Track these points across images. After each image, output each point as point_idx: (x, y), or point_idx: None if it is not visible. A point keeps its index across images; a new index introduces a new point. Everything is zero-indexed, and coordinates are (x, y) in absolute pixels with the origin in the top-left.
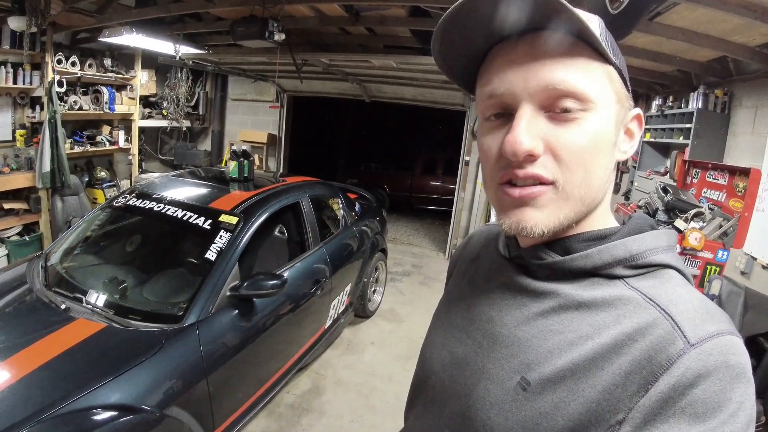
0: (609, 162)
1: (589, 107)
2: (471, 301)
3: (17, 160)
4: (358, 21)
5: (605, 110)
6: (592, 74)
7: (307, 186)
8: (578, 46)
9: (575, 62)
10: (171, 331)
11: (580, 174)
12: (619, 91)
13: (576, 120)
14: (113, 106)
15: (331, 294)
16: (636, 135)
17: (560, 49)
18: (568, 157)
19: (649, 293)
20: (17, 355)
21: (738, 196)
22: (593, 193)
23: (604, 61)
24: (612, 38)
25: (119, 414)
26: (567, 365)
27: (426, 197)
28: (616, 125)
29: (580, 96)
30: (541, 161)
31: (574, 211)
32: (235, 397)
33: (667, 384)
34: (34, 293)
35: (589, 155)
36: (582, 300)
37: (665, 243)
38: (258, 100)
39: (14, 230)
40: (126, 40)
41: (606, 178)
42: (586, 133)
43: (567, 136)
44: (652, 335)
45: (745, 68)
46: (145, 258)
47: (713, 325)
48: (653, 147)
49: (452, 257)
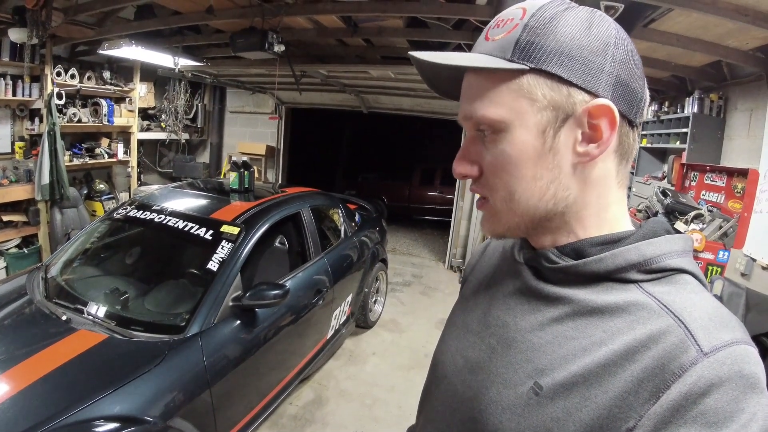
0: (542, 172)
1: (500, 127)
2: (487, 306)
3: (16, 173)
4: (356, 32)
5: (519, 126)
6: (498, 98)
7: (308, 196)
8: (483, 76)
9: (484, 92)
10: (173, 341)
11: (501, 190)
12: (545, 97)
13: (493, 142)
14: (112, 119)
15: (332, 304)
16: (604, 132)
17: (473, 83)
18: (490, 175)
19: (663, 299)
20: (18, 367)
21: (737, 197)
22: (523, 205)
23: (515, 75)
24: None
25: (121, 426)
26: (580, 371)
27: (424, 207)
28: (541, 133)
29: (486, 121)
30: (480, 180)
31: (512, 221)
32: (238, 408)
33: (678, 392)
34: (35, 304)
35: (505, 172)
36: (596, 305)
37: (681, 247)
38: (256, 112)
39: (13, 242)
40: (125, 52)
41: (544, 187)
42: (499, 152)
43: (487, 158)
44: (665, 342)
45: (739, 72)
46: (147, 269)
47: (727, 333)
48: (650, 152)
49: (468, 263)
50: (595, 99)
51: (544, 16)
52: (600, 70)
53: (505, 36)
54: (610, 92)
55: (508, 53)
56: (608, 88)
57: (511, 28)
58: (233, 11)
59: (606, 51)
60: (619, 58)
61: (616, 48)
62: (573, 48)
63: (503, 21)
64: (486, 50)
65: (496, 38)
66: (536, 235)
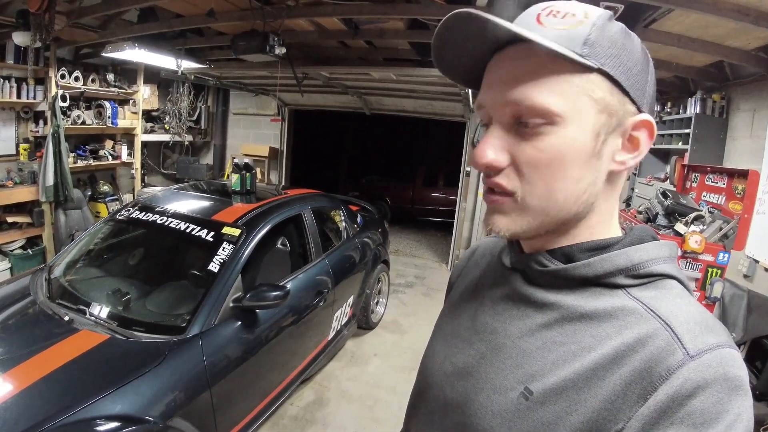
0: (586, 174)
1: (555, 121)
2: (475, 312)
3: (21, 174)
4: (358, 34)
5: (576, 123)
6: (560, 88)
7: (309, 198)
8: (549, 61)
9: (542, 78)
10: (174, 342)
11: (540, 187)
12: (604, 99)
13: (539, 134)
14: (116, 121)
15: (333, 305)
16: (643, 144)
17: (530, 66)
18: (527, 170)
19: (650, 304)
20: (20, 366)
21: (737, 198)
22: (559, 206)
23: (583, 70)
24: (614, 39)
25: (122, 425)
26: (569, 376)
27: (428, 209)
28: (596, 136)
29: (542, 111)
30: (506, 172)
31: (538, 221)
32: (238, 408)
33: (666, 394)
34: (38, 305)
35: (549, 169)
36: (584, 311)
37: (667, 253)
38: (259, 113)
39: (17, 243)
40: (128, 55)
41: (582, 190)
42: (548, 147)
43: (528, 150)
44: (652, 346)
45: (741, 72)
46: (149, 270)
47: (713, 337)
48: (653, 153)
49: (455, 268)
50: (642, 114)
51: (605, 23)
52: (645, 86)
53: (570, 29)
54: (648, 108)
55: (578, 46)
56: (648, 104)
57: (575, 23)
58: (234, 14)
59: (648, 68)
60: (652, 79)
61: (651, 66)
62: (629, 59)
63: (560, 12)
64: (547, 36)
65: (558, 27)
66: (539, 238)
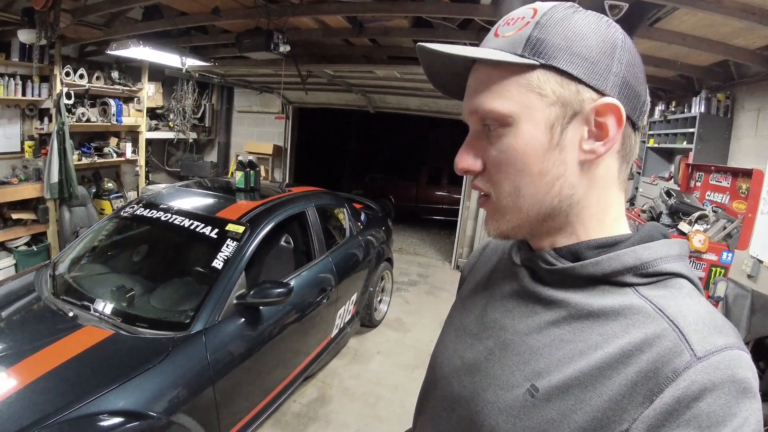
0: (549, 167)
1: (508, 122)
2: (485, 308)
3: (26, 171)
4: (362, 32)
5: (527, 120)
6: (506, 91)
7: (313, 196)
8: (495, 69)
9: (491, 85)
10: (178, 338)
11: (507, 186)
12: (554, 92)
13: (499, 136)
14: (120, 118)
15: (337, 303)
16: (611, 130)
17: (482, 77)
18: (494, 171)
19: (658, 303)
20: (25, 362)
21: (741, 197)
22: (529, 201)
23: (526, 70)
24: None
25: (126, 420)
26: (575, 374)
27: (431, 207)
28: (550, 129)
29: (495, 115)
30: (482, 175)
31: (517, 218)
32: (241, 405)
33: (672, 396)
34: (43, 301)
35: (512, 167)
36: (592, 309)
37: (677, 252)
38: (263, 111)
39: (22, 240)
40: (133, 52)
41: (549, 183)
42: (506, 147)
43: (493, 153)
44: (659, 347)
45: (746, 71)
46: (153, 267)
47: (721, 338)
48: (657, 152)
49: (467, 263)
50: (603, 97)
51: (555, 16)
52: (608, 70)
53: (517, 33)
54: (617, 92)
55: (519, 49)
56: (615, 89)
57: (522, 26)
58: (239, 12)
59: (614, 52)
60: (626, 61)
61: (622, 50)
62: (583, 47)
63: (513, 19)
64: (496, 46)
65: (506, 35)
66: (538, 236)
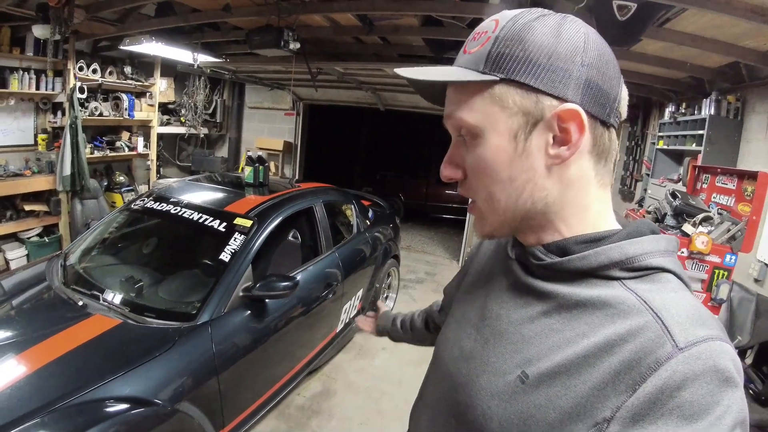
0: (517, 173)
1: (477, 133)
2: (485, 300)
3: (39, 164)
4: (372, 30)
5: (492, 130)
6: (473, 104)
7: (321, 192)
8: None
9: (461, 99)
10: (184, 328)
11: (482, 192)
12: (516, 103)
13: (473, 146)
14: (132, 113)
15: (342, 298)
16: (573, 135)
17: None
18: (472, 178)
19: (644, 296)
20: (34, 348)
21: (746, 200)
22: (503, 205)
23: (488, 85)
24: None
25: (132, 406)
26: (563, 361)
27: (441, 206)
28: (513, 138)
29: (464, 125)
30: (465, 183)
31: (496, 221)
32: (245, 396)
33: (654, 386)
34: (53, 290)
35: (484, 174)
36: (579, 299)
37: (663, 247)
38: (274, 108)
39: (34, 231)
40: (146, 48)
41: (520, 188)
42: (478, 156)
43: (469, 161)
44: (642, 337)
45: (758, 73)
46: (161, 258)
47: (703, 330)
48: (666, 154)
49: (469, 254)
50: (563, 104)
51: (514, 28)
52: (567, 76)
53: (479, 49)
54: (579, 96)
55: (481, 65)
56: (577, 92)
57: (484, 41)
58: (250, 9)
59: (574, 56)
60: (589, 62)
61: (585, 52)
62: (541, 56)
63: (479, 34)
64: (463, 63)
65: (472, 51)
66: (523, 234)
